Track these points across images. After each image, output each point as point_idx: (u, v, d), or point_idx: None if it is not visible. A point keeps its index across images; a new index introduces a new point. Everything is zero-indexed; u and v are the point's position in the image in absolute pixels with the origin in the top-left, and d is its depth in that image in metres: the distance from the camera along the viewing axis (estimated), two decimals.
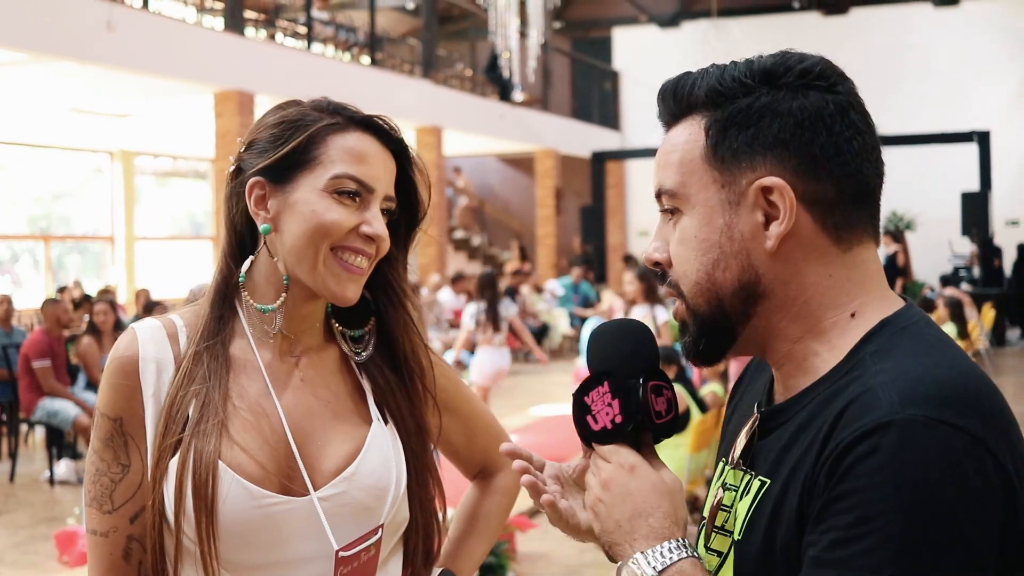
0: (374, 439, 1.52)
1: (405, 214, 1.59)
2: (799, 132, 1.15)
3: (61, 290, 13.39)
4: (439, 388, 1.65)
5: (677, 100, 1.23)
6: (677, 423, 1.28)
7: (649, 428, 1.25)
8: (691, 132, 1.21)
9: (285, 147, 1.48)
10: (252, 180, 1.50)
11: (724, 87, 1.18)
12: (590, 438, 1.25)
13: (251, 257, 1.53)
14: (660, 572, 1.15)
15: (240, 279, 1.52)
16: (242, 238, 1.54)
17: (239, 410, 1.48)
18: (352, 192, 1.48)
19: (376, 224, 1.48)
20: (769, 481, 1.17)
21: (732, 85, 1.18)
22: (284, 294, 1.51)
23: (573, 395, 1.27)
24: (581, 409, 1.26)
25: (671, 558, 1.16)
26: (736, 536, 1.20)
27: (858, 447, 1.04)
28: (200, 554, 1.42)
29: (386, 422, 1.55)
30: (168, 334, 1.53)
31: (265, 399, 1.50)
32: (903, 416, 1.03)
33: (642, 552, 1.17)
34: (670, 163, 1.22)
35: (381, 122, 1.54)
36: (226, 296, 1.54)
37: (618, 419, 1.23)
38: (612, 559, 1.22)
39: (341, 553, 1.44)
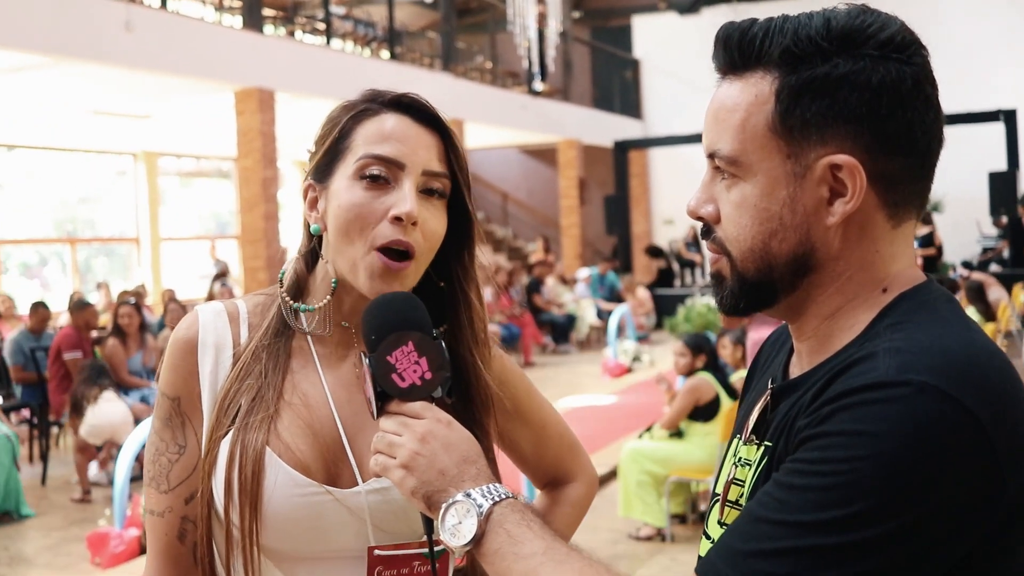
0: None
1: (462, 197, 1.51)
2: (876, 108, 1.10)
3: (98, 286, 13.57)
4: (509, 394, 1.61)
5: (743, 52, 1.16)
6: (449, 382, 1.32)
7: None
8: (757, 93, 1.14)
9: (324, 145, 1.49)
10: (305, 184, 1.52)
11: (800, 49, 1.12)
12: (397, 396, 1.28)
13: (294, 256, 1.55)
14: (496, 503, 1.17)
15: (280, 275, 1.55)
16: (311, 240, 1.55)
17: (291, 404, 1.48)
18: (378, 175, 1.43)
19: (406, 203, 1.41)
20: (771, 444, 1.16)
21: (808, 48, 1.11)
22: (329, 296, 1.50)
23: (370, 358, 1.29)
24: (385, 368, 1.27)
25: (504, 492, 1.19)
26: (744, 504, 1.17)
27: (845, 399, 1.03)
28: (241, 539, 1.42)
29: None
30: (229, 317, 1.54)
31: (318, 392, 1.50)
32: (898, 379, 1.01)
33: (474, 489, 1.19)
34: (731, 125, 1.16)
35: (412, 99, 1.49)
36: (296, 295, 1.56)
37: (427, 375, 1.28)
38: (427, 515, 1.24)
39: (376, 552, 1.41)
